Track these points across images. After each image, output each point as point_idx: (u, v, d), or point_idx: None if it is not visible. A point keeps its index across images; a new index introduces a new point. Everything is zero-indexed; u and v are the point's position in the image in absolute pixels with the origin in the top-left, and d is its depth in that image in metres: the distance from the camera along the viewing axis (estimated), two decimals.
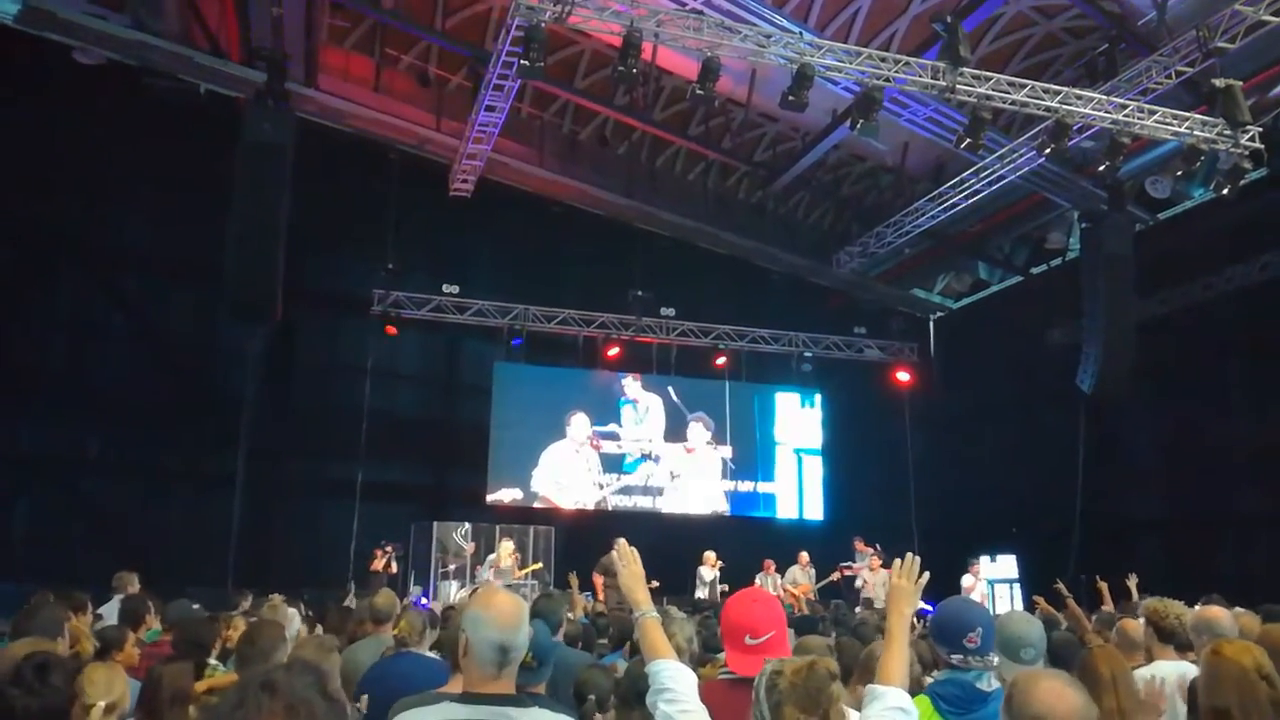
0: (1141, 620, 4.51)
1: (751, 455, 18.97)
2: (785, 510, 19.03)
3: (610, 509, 17.37)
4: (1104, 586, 8.04)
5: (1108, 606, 7.73)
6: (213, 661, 4.65)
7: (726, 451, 18.64)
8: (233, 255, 11.89)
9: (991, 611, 3.97)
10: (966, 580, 13.66)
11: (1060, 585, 8.03)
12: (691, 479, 18.35)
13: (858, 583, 14.43)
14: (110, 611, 6.77)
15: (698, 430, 18.45)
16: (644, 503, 17.89)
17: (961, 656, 2.98)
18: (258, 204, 11.80)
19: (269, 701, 1.45)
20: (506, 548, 14.13)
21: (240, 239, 11.83)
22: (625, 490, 17.78)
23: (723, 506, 18.49)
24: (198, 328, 14.77)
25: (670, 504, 18.08)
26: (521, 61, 11.06)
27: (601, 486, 17.56)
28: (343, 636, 5.81)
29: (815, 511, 19.17)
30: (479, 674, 2.44)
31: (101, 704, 3.26)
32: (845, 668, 4.54)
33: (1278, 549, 13.80)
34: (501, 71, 12.24)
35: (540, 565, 14.98)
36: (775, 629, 2.79)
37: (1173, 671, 3.93)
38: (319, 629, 6.77)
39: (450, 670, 3.19)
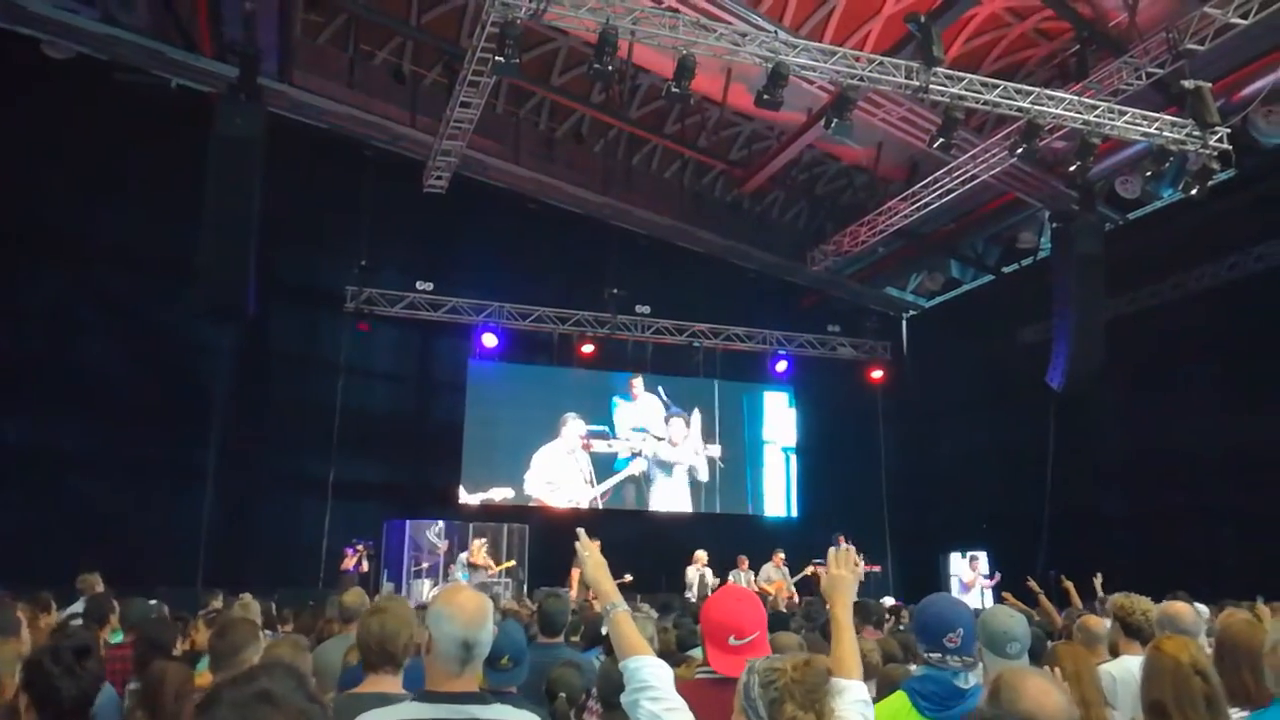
0: (1109, 616, 4.56)
1: (737, 453, 19.07)
2: (767, 508, 19.12)
3: (596, 508, 17.46)
4: (1070, 586, 8.18)
5: (1075, 604, 7.85)
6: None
7: (715, 449, 18.72)
8: (205, 251, 11.79)
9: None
10: (967, 574, 13.21)
11: (1031, 583, 8.15)
12: (676, 476, 18.44)
13: None
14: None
15: (679, 427, 18.52)
16: (631, 501, 18.01)
17: (940, 655, 2.98)
18: (230, 200, 11.70)
19: (272, 713, 1.43)
20: (479, 545, 14.11)
21: (213, 235, 11.73)
22: (616, 489, 17.89)
23: (704, 504, 18.56)
24: (170, 323, 14.58)
25: (654, 502, 18.18)
26: (497, 58, 11.03)
27: (593, 486, 17.66)
28: (312, 636, 5.78)
29: (789, 509, 19.24)
30: (442, 671, 2.43)
31: None
32: None
33: (1246, 545, 13.98)
34: (476, 68, 12.16)
35: (514, 563, 14.96)
36: (759, 629, 2.78)
37: (1139, 666, 3.98)
38: (285, 629, 6.73)
39: (364, 671, 3.10)
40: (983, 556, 16.57)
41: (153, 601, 7.05)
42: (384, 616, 3.05)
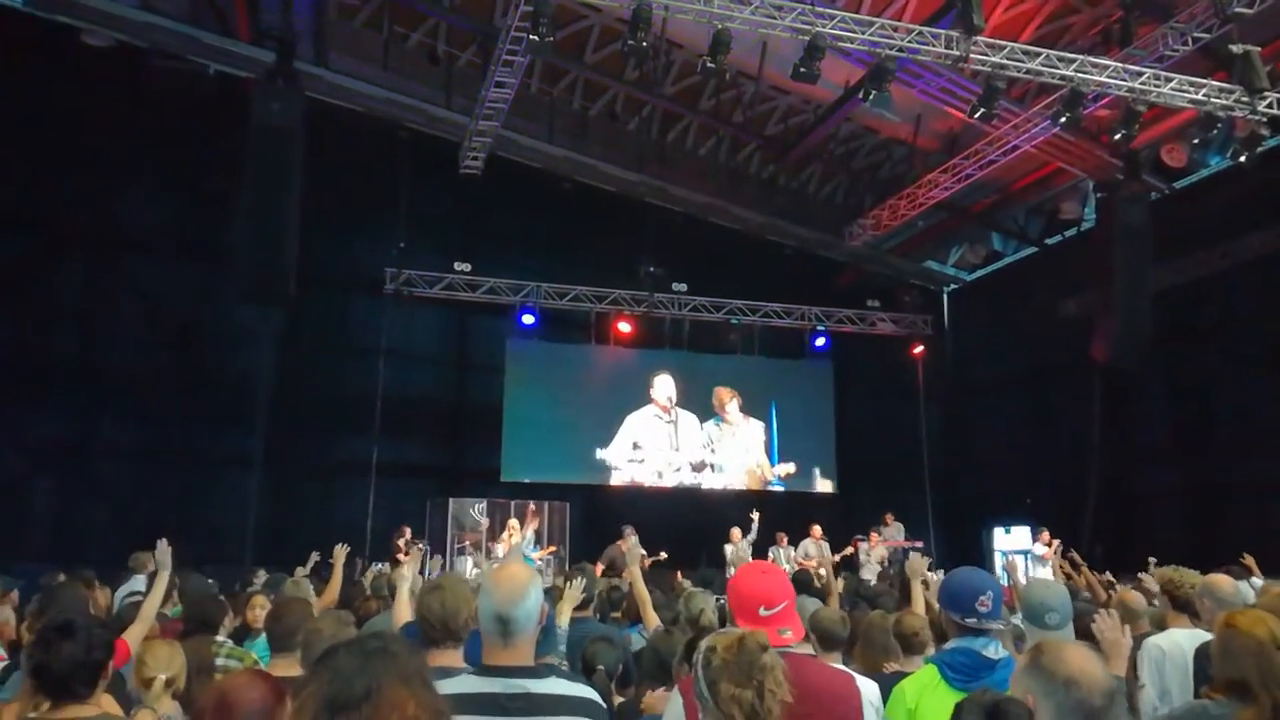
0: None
1: (777, 430, 19.07)
2: (807, 484, 19.08)
3: (641, 485, 17.64)
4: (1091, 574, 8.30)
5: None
6: (220, 639, 4.69)
7: (757, 426, 18.79)
8: (245, 237, 11.91)
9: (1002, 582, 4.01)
10: (1039, 548, 13.11)
11: (1074, 554, 8.22)
12: (730, 453, 18.60)
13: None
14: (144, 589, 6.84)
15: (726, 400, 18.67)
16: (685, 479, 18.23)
17: (975, 620, 3.04)
18: (268, 185, 11.78)
19: (390, 664, 1.59)
20: (516, 523, 14.16)
21: (252, 220, 11.83)
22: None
23: (754, 480, 18.69)
24: (211, 310, 14.80)
25: (705, 479, 18.33)
26: (531, 37, 11.01)
27: (677, 451, 18.02)
28: (350, 613, 5.84)
29: (828, 485, 19.19)
30: (488, 645, 2.51)
31: (162, 677, 3.36)
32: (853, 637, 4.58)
33: None
34: (510, 47, 12.16)
35: (556, 548, 15.06)
36: (787, 599, 2.81)
37: (1187, 639, 3.95)
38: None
39: (427, 646, 3.05)
40: (997, 532, 16.63)
41: (211, 581, 7.21)
42: (443, 594, 3.07)
